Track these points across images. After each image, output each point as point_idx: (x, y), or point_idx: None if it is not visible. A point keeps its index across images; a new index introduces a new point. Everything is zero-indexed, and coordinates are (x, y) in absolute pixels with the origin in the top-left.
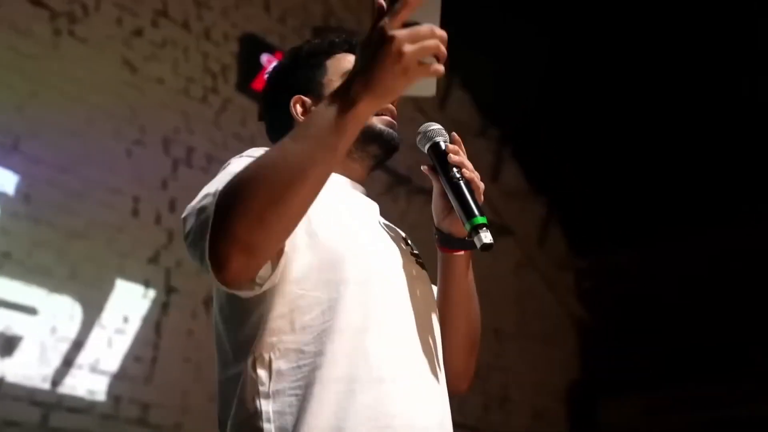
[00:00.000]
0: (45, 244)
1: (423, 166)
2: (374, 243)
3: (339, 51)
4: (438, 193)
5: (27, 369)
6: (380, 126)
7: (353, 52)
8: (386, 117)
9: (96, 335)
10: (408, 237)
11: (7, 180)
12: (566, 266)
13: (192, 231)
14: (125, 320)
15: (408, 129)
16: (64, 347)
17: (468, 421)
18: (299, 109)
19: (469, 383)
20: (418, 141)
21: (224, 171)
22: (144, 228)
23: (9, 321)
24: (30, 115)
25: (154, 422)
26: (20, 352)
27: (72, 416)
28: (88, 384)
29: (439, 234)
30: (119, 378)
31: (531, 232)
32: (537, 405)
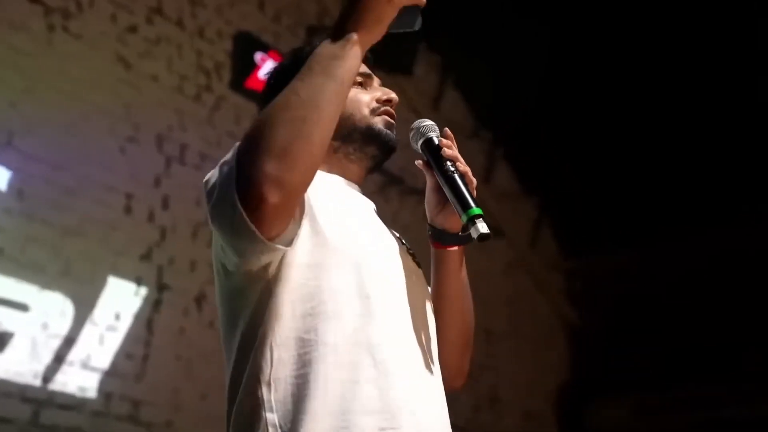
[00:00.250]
0: (38, 241)
1: (417, 161)
2: (373, 240)
3: None
4: (431, 188)
5: (18, 365)
6: (379, 126)
7: None
8: (386, 117)
9: (87, 332)
10: (402, 237)
11: (1, 176)
12: (557, 267)
13: (217, 184)
14: (117, 317)
15: (401, 130)
16: (56, 344)
17: (458, 422)
18: None
19: (464, 381)
20: (411, 137)
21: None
22: (137, 225)
23: (0, 317)
24: (24, 111)
25: (145, 419)
26: (11, 349)
27: (63, 413)
28: (79, 381)
29: (433, 230)
30: (110, 375)
31: (522, 234)
32: (527, 406)
